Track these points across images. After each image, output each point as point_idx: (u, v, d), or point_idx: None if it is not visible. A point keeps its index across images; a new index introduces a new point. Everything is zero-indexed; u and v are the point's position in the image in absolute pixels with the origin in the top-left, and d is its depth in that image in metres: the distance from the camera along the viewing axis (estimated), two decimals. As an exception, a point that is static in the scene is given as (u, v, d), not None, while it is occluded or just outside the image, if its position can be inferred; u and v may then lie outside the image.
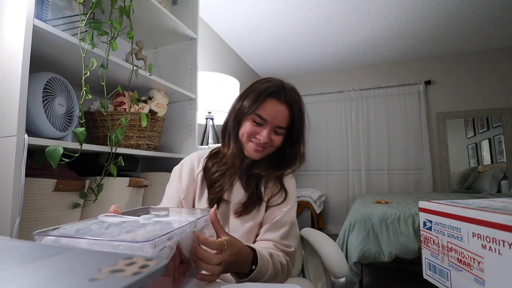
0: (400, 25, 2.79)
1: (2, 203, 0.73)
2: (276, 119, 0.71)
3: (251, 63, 3.70)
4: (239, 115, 0.75)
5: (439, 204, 0.40)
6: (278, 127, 0.72)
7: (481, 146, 3.32)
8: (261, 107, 0.71)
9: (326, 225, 3.77)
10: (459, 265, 0.35)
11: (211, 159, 0.81)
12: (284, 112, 0.71)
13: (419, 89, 3.54)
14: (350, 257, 1.81)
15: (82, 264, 0.22)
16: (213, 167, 0.77)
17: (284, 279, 0.67)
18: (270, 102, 0.71)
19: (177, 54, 1.63)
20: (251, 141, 0.73)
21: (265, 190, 0.77)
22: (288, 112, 0.72)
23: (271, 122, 0.71)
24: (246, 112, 0.72)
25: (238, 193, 0.76)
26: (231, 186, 0.76)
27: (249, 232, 0.73)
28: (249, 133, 0.72)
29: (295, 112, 0.72)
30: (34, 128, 0.87)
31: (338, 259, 0.86)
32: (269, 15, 2.60)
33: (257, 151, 0.73)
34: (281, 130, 0.73)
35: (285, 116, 0.72)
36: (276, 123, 0.71)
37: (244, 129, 0.73)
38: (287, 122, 0.73)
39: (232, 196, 0.76)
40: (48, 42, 0.89)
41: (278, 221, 0.73)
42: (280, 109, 0.71)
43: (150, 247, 0.34)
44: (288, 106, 0.72)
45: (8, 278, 0.18)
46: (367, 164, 3.67)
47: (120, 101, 1.18)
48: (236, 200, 0.75)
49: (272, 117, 0.70)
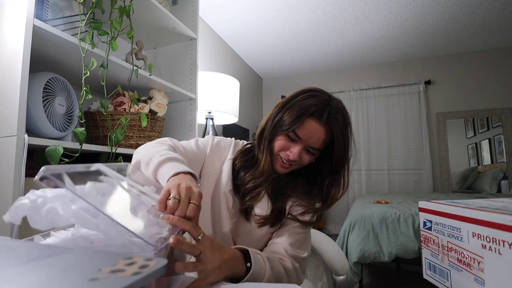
0: (400, 25, 2.79)
1: (2, 203, 0.73)
2: (311, 139, 0.66)
3: (251, 63, 3.70)
4: (277, 128, 0.69)
5: (439, 204, 0.40)
6: (311, 148, 0.68)
7: (481, 146, 3.32)
8: (300, 125, 0.66)
9: (326, 225, 3.77)
10: (459, 265, 0.35)
11: (243, 155, 0.76)
12: (321, 134, 0.66)
13: (419, 89, 3.54)
14: (350, 257, 1.81)
15: (82, 264, 0.22)
16: (247, 174, 0.72)
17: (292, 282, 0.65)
18: (310, 122, 0.66)
19: (177, 54, 1.63)
20: (279, 155, 0.70)
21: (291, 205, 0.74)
22: (325, 135, 0.67)
23: (305, 141, 0.67)
24: (285, 128, 0.67)
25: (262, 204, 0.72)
26: (258, 201, 0.73)
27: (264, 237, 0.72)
28: (281, 147, 0.69)
29: (335, 136, 0.67)
30: (34, 128, 0.87)
31: (338, 257, 0.86)
32: (269, 15, 2.60)
33: (283, 167, 0.70)
34: (314, 151, 0.69)
35: (321, 139, 0.67)
36: (310, 143, 0.67)
37: (278, 141, 0.70)
38: (322, 144, 0.68)
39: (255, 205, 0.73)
40: (48, 42, 0.89)
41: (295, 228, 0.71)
42: (318, 130, 0.66)
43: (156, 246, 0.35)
44: (327, 129, 0.66)
45: (8, 278, 0.18)
46: (367, 164, 3.67)
47: (120, 101, 1.18)
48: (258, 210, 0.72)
49: (308, 136, 0.66)
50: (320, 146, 0.68)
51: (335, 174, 0.71)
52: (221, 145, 0.78)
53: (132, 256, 0.22)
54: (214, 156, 0.76)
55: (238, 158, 0.76)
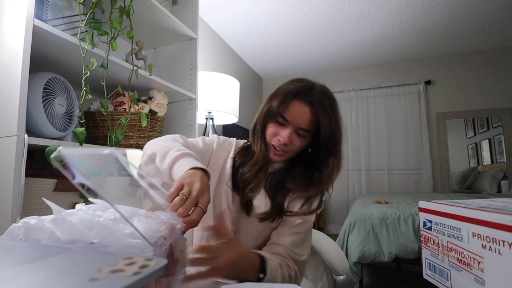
0: (400, 25, 2.79)
1: (2, 203, 0.73)
2: (298, 119, 0.68)
3: (251, 63, 3.70)
4: (267, 117, 0.72)
5: (439, 204, 0.40)
6: (300, 129, 0.68)
7: (481, 146, 3.32)
8: (286, 108, 0.68)
9: (326, 225, 3.77)
10: (459, 265, 0.35)
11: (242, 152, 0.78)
12: (306, 114, 0.67)
13: (419, 89, 3.54)
14: (350, 257, 1.81)
15: (82, 264, 0.22)
16: (246, 166, 0.75)
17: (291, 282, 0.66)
18: (295, 103, 0.68)
19: (177, 54, 1.63)
20: (272, 144, 0.71)
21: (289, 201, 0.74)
22: (311, 114, 0.67)
23: (293, 123, 0.68)
24: (273, 114, 0.70)
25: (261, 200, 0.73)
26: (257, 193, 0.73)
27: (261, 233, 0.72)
28: (272, 133, 0.70)
29: (319, 114, 0.67)
30: (34, 128, 0.87)
31: (338, 257, 0.86)
32: (269, 15, 2.60)
33: (277, 154, 0.71)
34: (304, 133, 0.69)
35: (308, 118, 0.67)
36: (298, 124, 0.68)
37: (269, 130, 0.71)
38: (311, 125, 0.68)
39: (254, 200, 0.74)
40: (48, 42, 0.89)
41: (295, 227, 0.71)
42: (303, 110, 0.68)
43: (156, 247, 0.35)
44: (312, 108, 0.68)
45: (8, 278, 0.18)
46: (367, 164, 3.67)
47: (120, 101, 1.18)
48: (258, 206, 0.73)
49: (295, 117, 0.68)
50: (308, 127, 0.68)
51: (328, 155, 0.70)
52: (226, 144, 0.81)
53: (132, 256, 0.22)
54: (219, 154, 0.78)
55: (238, 155, 0.78)
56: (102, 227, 0.35)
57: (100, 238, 0.35)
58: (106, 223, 0.37)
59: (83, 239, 0.35)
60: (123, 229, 0.37)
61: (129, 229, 0.37)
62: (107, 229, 0.35)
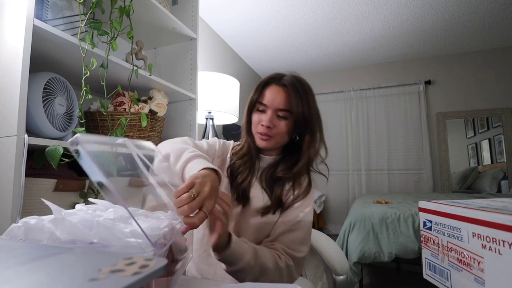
0: (400, 25, 2.79)
1: (2, 203, 0.73)
2: (275, 101, 0.72)
3: (251, 63, 3.70)
4: (249, 109, 0.78)
5: (439, 204, 0.40)
6: (279, 110, 0.73)
7: (481, 146, 3.32)
8: (262, 95, 0.75)
9: (326, 225, 3.77)
10: (459, 265, 0.35)
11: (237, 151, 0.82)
12: (281, 94, 0.73)
13: (419, 89, 3.54)
14: (350, 257, 1.81)
15: (82, 264, 0.22)
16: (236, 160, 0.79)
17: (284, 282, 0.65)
18: (269, 88, 0.75)
19: (177, 54, 1.63)
20: (258, 131, 0.75)
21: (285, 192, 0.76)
22: (286, 94, 0.73)
23: (271, 105, 0.73)
24: (252, 104, 0.76)
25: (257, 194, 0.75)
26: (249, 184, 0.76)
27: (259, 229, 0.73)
28: (256, 121, 0.75)
29: (295, 94, 0.72)
30: (34, 128, 0.87)
31: (338, 257, 0.86)
32: (269, 15, 2.60)
33: (263, 139, 0.74)
34: (284, 113, 0.73)
35: (283, 98, 0.72)
36: (276, 106, 0.72)
37: (253, 120, 0.76)
38: (287, 104, 0.73)
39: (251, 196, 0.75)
40: (48, 42, 0.89)
41: (293, 224, 0.72)
42: (277, 91, 0.73)
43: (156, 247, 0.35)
44: (285, 89, 0.73)
45: (8, 278, 0.18)
46: (367, 164, 3.67)
47: (120, 101, 1.18)
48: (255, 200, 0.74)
49: (271, 100, 0.73)
50: (285, 106, 0.72)
51: (304, 134, 0.75)
52: (225, 146, 0.85)
53: (132, 256, 0.22)
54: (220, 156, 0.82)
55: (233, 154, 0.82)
56: (102, 226, 0.35)
57: (100, 238, 0.35)
58: (106, 223, 0.37)
59: (83, 239, 0.35)
60: (123, 228, 0.37)
61: (130, 228, 0.37)
62: (107, 228, 0.35)
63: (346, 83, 3.87)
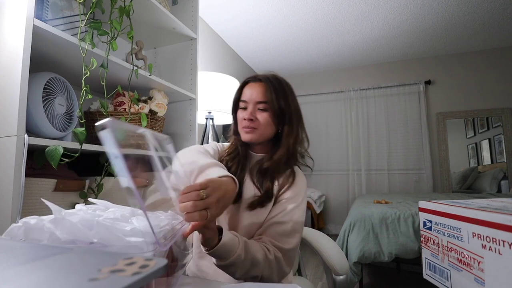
0: (400, 25, 2.79)
1: (2, 203, 0.73)
2: (253, 95, 0.78)
3: (251, 63, 3.70)
4: (233, 110, 0.85)
5: (439, 204, 0.40)
6: (258, 103, 0.78)
7: (481, 146, 3.32)
8: (242, 93, 0.81)
9: (326, 225, 3.76)
10: (459, 265, 0.35)
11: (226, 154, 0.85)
12: (258, 88, 0.78)
13: (419, 89, 3.54)
14: (350, 257, 1.81)
15: (82, 264, 0.22)
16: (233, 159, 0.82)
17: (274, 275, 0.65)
18: (247, 86, 0.81)
19: (177, 54, 1.63)
20: (242, 126, 0.80)
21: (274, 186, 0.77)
22: (263, 87, 0.78)
23: (250, 100, 0.79)
24: (235, 104, 0.83)
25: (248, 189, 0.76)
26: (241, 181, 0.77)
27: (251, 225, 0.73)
28: (240, 118, 0.80)
29: (270, 87, 0.77)
30: (34, 128, 0.87)
31: (338, 257, 0.86)
32: (269, 15, 2.60)
33: (247, 132, 0.79)
34: (263, 105, 0.78)
35: (261, 91, 0.78)
36: (255, 99, 0.78)
37: (238, 118, 0.82)
38: (265, 96, 0.77)
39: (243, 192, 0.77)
40: (48, 42, 0.89)
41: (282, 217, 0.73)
42: (255, 86, 0.79)
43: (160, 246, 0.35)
44: (261, 83, 0.79)
45: (8, 278, 0.18)
46: (367, 164, 3.67)
47: (120, 101, 1.18)
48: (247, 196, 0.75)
49: (250, 94, 0.79)
50: (263, 98, 0.77)
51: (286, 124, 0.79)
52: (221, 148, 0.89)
53: (132, 256, 0.22)
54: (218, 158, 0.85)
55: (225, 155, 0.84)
56: (102, 226, 0.35)
57: (100, 237, 0.35)
58: (106, 222, 0.37)
59: (83, 239, 0.35)
60: (123, 226, 0.37)
61: (130, 226, 0.37)
62: (107, 228, 0.35)
63: (346, 83, 3.87)
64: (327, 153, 3.83)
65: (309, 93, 3.91)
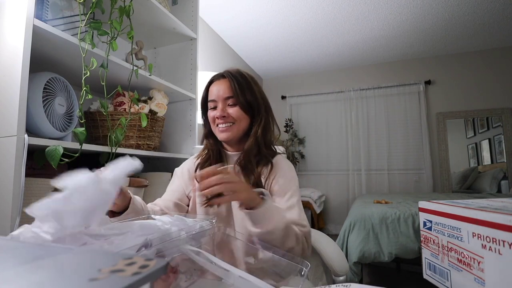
0: (400, 25, 2.79)
1: (2, 203, 0.73)
2: (219, 92, 0.79)
3: (251, 63, 3.70)
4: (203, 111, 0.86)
5: (439, 204, 0.40)
6: (226, 99, 0.79)
7: (481, 146, 3.32)
8: (209, 93, 0.82)
9: (326, 225, 3.76)
10: (459, 265, 0.35)
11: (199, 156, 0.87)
12: (224, 84, 0.80)
13: (419, 89, 3.54)
14: (350, 257, 1.81)
15: (82, 264, 0.22)
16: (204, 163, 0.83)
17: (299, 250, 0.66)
18: (212, 85, 0.82)
19: (177, 54, 1.63)
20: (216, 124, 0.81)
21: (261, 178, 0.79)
22: (228, 83, 0.79)
23: (219, 97, 0.79)
24: (204, 104, 0.84)
25: None
26: None
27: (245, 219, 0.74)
28: (212, 118, 0.81)
29: (234, 81, 0.78)
30: (34, 128, 0.87)
31: (338, 258, 0.86)
32: (269, 15, 2.60)
33: (223, 130, 0.80)
34: (232, 100, 0.79)
35: (227, 87, 0.79)
36: (222, 95, 0.79)
37: (209, 119, 0.82)
38: (231, 91, 0.78)
39: None
40: (48, 42, 0.89)
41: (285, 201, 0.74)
42: (220, 83, 0.80)
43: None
44: (226, 79, 0.80)
45: (8, 278, 0.18)
46: (367, 164, 3.67)
47: (120, 101, 1.18)
48: None
49: (217, 92, 0.80)
50: (230, 93, 0.79)
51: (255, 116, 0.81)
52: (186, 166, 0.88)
53: (132, 256, 0.22)
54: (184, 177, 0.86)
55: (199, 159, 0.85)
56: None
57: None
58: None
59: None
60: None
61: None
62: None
63: (346, 83, 3.87)
64: (327, 153, 3.83)
65: (309, 93, 3.91)
